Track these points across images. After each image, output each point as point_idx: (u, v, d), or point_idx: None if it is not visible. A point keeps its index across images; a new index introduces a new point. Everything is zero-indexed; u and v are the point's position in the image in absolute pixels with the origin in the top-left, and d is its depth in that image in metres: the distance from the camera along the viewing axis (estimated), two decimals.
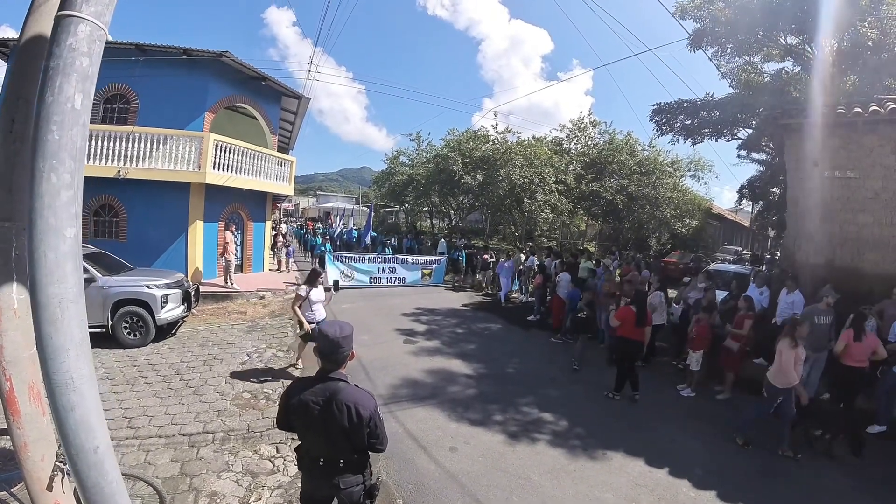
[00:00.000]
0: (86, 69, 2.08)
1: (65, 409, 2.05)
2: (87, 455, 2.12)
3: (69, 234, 2.05)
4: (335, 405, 2.60)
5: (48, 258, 1.99)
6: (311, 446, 2.76)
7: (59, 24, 2.04)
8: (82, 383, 2.09)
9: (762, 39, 13.52)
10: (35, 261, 2.00)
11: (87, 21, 2.05)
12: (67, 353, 2.04)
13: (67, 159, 2.03)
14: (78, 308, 2.11)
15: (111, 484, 2.20)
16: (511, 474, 4.94)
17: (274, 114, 16.45)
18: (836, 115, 7.87)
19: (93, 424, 2.13)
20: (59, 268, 2.02)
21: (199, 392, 6.68)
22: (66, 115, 2.02)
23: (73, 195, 2.07)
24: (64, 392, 2.04)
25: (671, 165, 22.94)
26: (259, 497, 4.41)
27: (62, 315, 2.03)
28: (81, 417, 2.09)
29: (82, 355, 2.11)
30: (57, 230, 2.01)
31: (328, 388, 2.65)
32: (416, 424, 5.94)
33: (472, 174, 20.63)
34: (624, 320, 6.99)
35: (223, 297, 12.21)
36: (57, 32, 2.04)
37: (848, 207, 7.95)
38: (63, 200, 2.02)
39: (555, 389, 7.38)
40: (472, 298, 14.98)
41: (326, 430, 2.64)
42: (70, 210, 2.05)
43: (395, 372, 7.76)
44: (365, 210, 42.95)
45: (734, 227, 39.05)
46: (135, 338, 8.49)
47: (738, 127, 17.63)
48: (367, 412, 2.64)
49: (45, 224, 1.98)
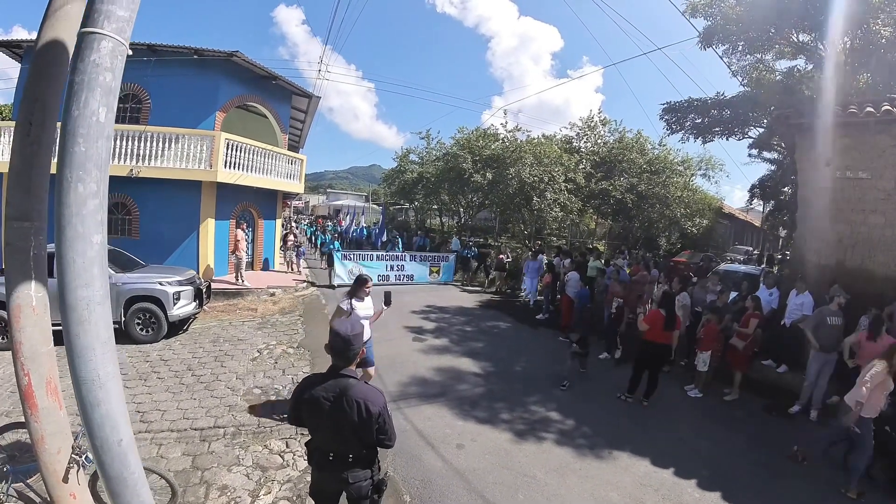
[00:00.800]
0: (109, 84, 2.16)
1: (91, 405, 2.16)
2: (112, 448, 2.22)
3: (96, 240, 2.16)
4: (345, 401, 2.65)
5: (76, 263, 2.09)
6: (322, 441, 2.81)
7: (83, 40, 2.12)
8: (108, 380, 2.19)
9: (773, 37, 13.35)
10: (64, 266, 2.09)
11: (109, 37, 2.13)
12: (94, 352, 2.14)
13: (93, 170, 2.12)
14: (104, 309, 2.21)
15: (133, 475, 2.31)
16: (517, 472, 4.97)
17: (284, 113, 16.57)
18: (848, 114, 7.76)
19: (117, 419, 2.24)
20: (87, 272, 2.12)
21: (211, 387, 6.79)
22: (92, 128, 2.11)
23: (99, 203, 2.17)
24: (91, 389, 2.14)
25: (681, 164, 22.73)
26: (269, 491, 4.49)
27: (89, 316, 2.13)
28: (107, 412, 2.19)
29: (108, 354, 2.21)
30: (84, 237, 2.11)
31: (339, 384, 2.70)
32: (423, 422, 6.00)
33: (482, 172, 20.63)
34: (653, 324, 6.77)
35: (234, 293, 12.37)
36: (81, 48, 2.13)
37: (859, 208, 7.84)
38: (90, 209, 2.12)
39: (561, 388, 7.38)
40: (481, 297, 15.01)
41: (336, 425, 2.69)
42: (96, 217, 2.15)
43: (404, 369, 7.82)
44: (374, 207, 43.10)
45: (745, 226, 38.62)
46: (147, 334, 8.64)
47: (749, 126, 17.46)
48: (376, 408, 2.68)
49: (74, 231, 2.08)
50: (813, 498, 4.80)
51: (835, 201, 8.11)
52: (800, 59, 14.84)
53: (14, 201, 2.70)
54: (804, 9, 11.75)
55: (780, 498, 4.77)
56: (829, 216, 8.18)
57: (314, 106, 17.86)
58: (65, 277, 2.09)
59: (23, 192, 2.71)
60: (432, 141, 26.93)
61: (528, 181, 19.17)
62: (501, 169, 20.17)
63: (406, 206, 34.24)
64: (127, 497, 2.30)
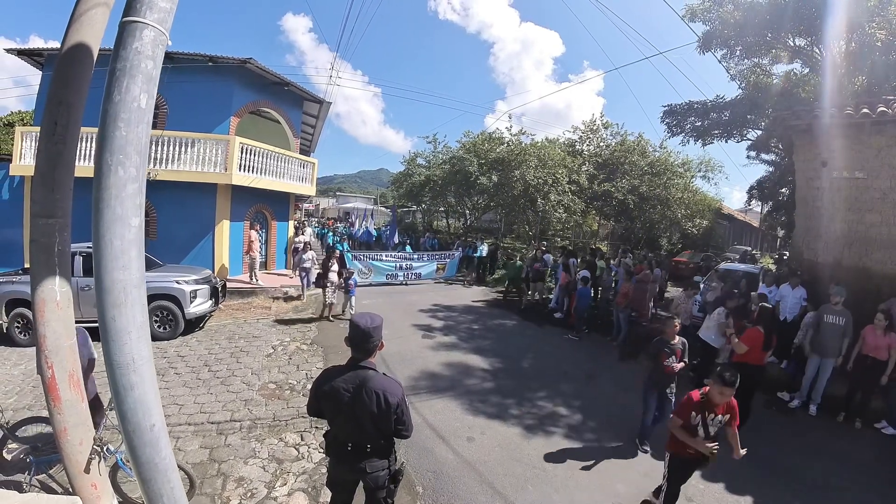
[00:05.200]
0: (150, 71, 2.20)
1: (125, 388, 2.18)
2: (144, 433, 2.24)
3: (134, 223, 2.17)
4: (365, 392, 2.71)
5: (114, 245, 2.10)
6: (340, 431, 2.86)
7: (125, 29, 2.16)
8: (142, 364, 2.21)
9: (770, 41, 13.54)
10: (101, 248, 2.09)
11: (151, 27, 2.17)
12: (130, 336, 2.16)
13: (133, 154, 2.16)
14: (140, 293, 2.23)
15: (164, 460, 2.34)
16: (526, 464, 5.10)
17: (296, 117, 16.87)
18: (845, 115, 7.94)
19: (150, 404, 2.26)
20: (125, 254, 2.13)
21: (227, 382, 6.99)
22: (133, 114, 2.14)
23: (139, 188, 2.20)
24: (125, 373, 2.16)
25: (682, 166, 22.95)
26: (284, 482, 4.60)
27: (126, 299, 2.14)
28: (140, 397, 2.21)
29: (143, 338, 2.23)
30: (123, 219, 2.12)
31: (358, 375, 2.76)
32: (434, 415, 6.14)
33: (487, 175, 20.87)
34: (753, 345, 5.87)
35: (249, 292, 12.66)
36: (122, 36, 2.16)
37: (856, 207, 8.02)
38: (129, 192, 2.14)
39: (568, 384, 7.53)
40: (487, 295, 15.19)
41: (355, 415, 2.74)
42: (135, 201, 2.17)
43: (415, 365, 8.00)
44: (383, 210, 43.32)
45: (744, 227, 38.73)
46: (165, 331, 8.89)
47: (747, 128, 17.66)
48: (395, 399, 2.74)
49: (113, 214, 2.09)
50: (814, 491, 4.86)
51: (832, 201, 8.29)
52: (796, 63, 15.04)
53: (39, 199, 2.74)
54: (800, 14, 11.93)
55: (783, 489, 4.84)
56: (827, 215, 8.36)
57: (325, 111, 18.13)
58: (102, 260, 2.09)
59: (47, 190, 2.74)
60: (439, 145, 27.23)
61: (533, 183, 19.37)
62: (506, 171, 20.40)
63: (413, 209, 34.46)
64: (159, 482, 2.31)
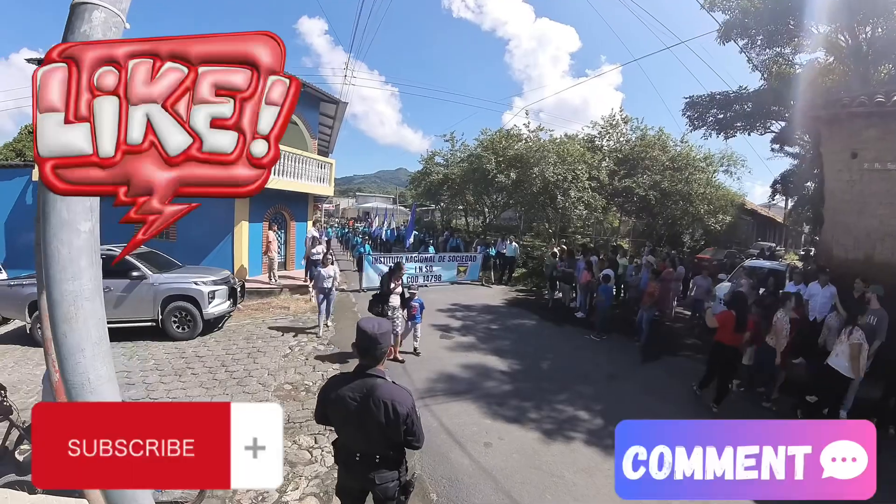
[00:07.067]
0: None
1: None
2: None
3: (84, 227, 1.97)
4: (372, 401, 2.61)
5: (61, 254, 1.91)
6: (348, 441, 2.79)
7: (74, 12, 1.97)
8: (100, 384, 2.00)
9: (792, 30, 13.13)
10: (48, 256, 1.91)
11: (101, 7, 1.97)
12: (83, 353, 1.97)
13: None
14: (94, 306, 2.01)
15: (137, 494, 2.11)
16: (545, 472, 4.94)
17: (313, 118, 16.96)
18: (875, 103, 7.58)
19: None
20: (73, 264, 1.93)
21: (243, 383, 7.00)
22: None
23: None
24: (80, 394, 1.98)
25: (703, 161, 22.37)
26: (297, 486, 4.54)
27: (77, 313, 1.95)
28: None
29: (99, 355, 2.02)
30: (70, 224, 1.92)
31: (366, 384, 2.66)
32: (451, 419, 6.01)
33: (506, 172, 20.66)
34: (724, 325, 6.47)
35: (267, 293, 12.73)
36: (71, 21, 1.96)
37: (888, 201, 7.64)
38: None
39: (589, 386, 7.34)
40: (505, 295, 15.03)
41: (363, 425, 2.65)
42: (85, 203, 1.97)
43: (431, 366, 7.90)
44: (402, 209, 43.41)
45: (767, 222, 37.61)
46: (183, 331, 8.98)
47: (771, 120, 17.19)
48: (404, 409, 2.63)
49: (58, 218, 1.90)
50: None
51: (862, 194, 7.95)
52: (819, 52, 14.52)
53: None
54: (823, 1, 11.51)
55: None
56: (857, 209, 8.02)
57: (342, 111, 18.19)
58: (49, 270, 1.92)
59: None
60: (456, 143, 27.17)
61: (552, 180, 19.11)
62: (525, 168, 20.16)
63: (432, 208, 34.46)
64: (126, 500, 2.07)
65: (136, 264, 8.87)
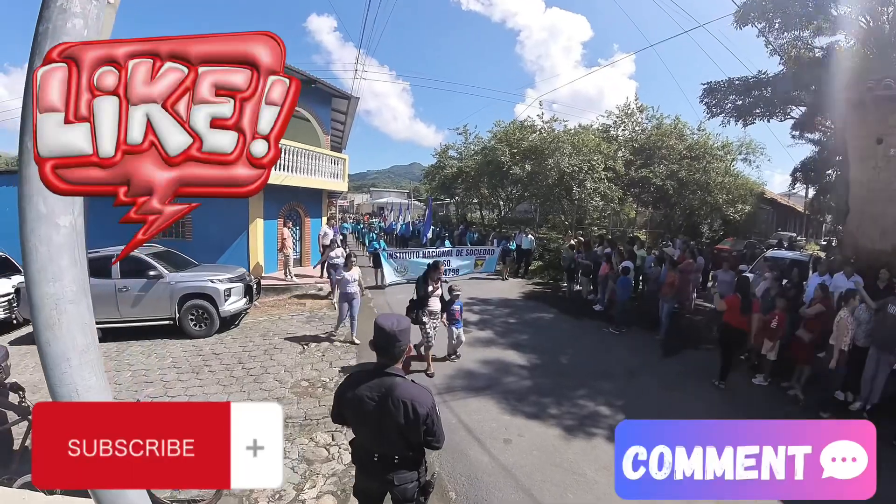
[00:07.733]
0: (79, 32, 1.77)
1: None
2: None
3: (64, 222, 1.79)
4: (391, 401, 2.52)
5: (40, 252, 1.75)
6: (365, 441, 2.70)
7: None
8: (90, 395, 1.87)
9: (811, 12, 12.67)
10: (26, 255, 1.75)
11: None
12: (69, 363, 1.83)
13: None
14: (79, 310, 1.86)
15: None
16: (566, 469, 4.84)
17: (325, 114, 16.93)
18: None
19: None
20: (53, 263, 1.77)
21: (260, 380, 7.00)
22: None
23: None
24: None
25: (722, 149, 21.88)
26: (314, 485, 4.50)
27: (59, 318, 1.80)
28: None
29: (87, 364, 1.88)
30: (48, 218, 1.75)
31: (384, 383, 2.58)
32: (470, 416, 5.93)
33: (520, 164, 20.50)
34: (731, 307, 6.91)
35: (283, 289, 12.77)
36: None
37: None
38: None
39: (609, 382, 7.21)
40: (523, 288, 14.90)
41: (381, 426, 2.56)
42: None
43: (450, 362, 7.84)
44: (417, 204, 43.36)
45: (787, 212, 36.75)
46: (200, 329, 9.02)
47: (791, 105, 16.68)
48: (424, 409, 2.54)
49: (35, 212, 1.72)
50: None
51: (890, 181, 7.64)
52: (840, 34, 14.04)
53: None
54: None
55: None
56: (885, 197, 7.72)
57: (353, 107, 18.15)
58: (28, 270, 1.77)
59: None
60: (470, 136, 27.13)
61: (568, 171, 18.90)
62: (540, 160, 19.99)
63: (447, 201, 34.38)
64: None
65: (153, 264, 8.92)
